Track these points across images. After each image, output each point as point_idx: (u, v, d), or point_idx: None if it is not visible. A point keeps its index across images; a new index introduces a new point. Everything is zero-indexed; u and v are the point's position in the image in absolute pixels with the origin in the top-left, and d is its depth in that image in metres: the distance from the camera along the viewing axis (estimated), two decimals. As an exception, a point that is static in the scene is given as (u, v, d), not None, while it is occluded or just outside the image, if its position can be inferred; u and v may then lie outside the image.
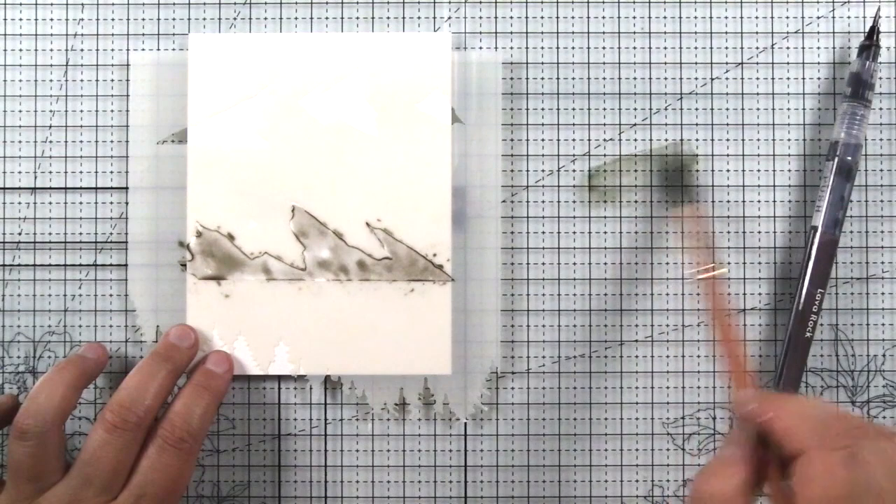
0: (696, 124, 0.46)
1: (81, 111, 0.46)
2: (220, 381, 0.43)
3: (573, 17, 0.46)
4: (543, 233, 0.46)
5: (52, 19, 0.46)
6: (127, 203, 0.46)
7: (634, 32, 0.46)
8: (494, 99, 0.46)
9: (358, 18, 0.46)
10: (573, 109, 0.46)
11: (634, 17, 0.46)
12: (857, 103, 0.44)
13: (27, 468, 0.39)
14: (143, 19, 0.46)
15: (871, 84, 0.44)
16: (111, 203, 0.46)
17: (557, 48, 0.46)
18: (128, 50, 0.46)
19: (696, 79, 0.46)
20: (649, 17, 0.46)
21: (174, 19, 0.46)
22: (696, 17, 0.46)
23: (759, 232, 0.46)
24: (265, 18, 0.46)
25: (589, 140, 0.46)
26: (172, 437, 0.40)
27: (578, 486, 0.46)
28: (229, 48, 0.45)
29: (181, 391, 0.42)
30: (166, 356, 0.42)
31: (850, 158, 0.43)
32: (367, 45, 0.45)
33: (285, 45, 0.45)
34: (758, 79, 0.46)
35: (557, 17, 0.46)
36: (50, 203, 0.46)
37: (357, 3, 0.46)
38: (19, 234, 0.46)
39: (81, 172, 0.46)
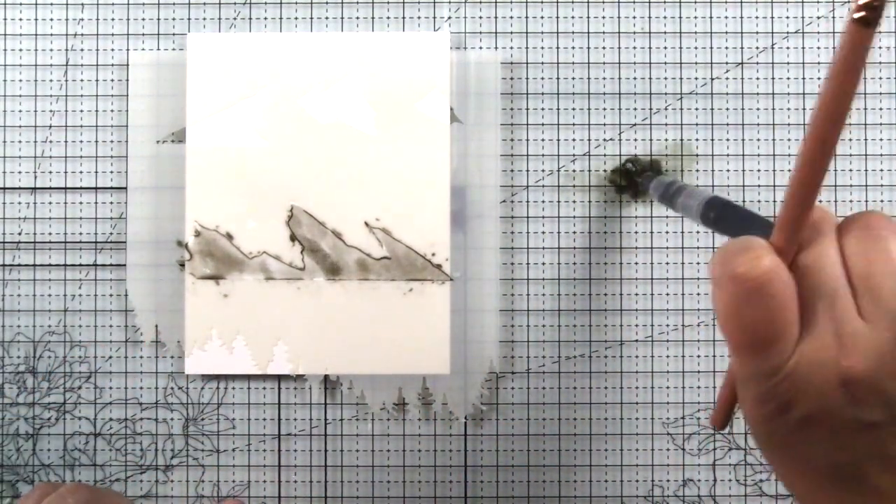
0: (696, 124, 0.46)
1: (81, 111, 0.46)
2: None
3: (573, 17, 0.46)
4: (543, 233, 0.46)
5: (52, 19, 0.46)
6: (126, 203, 0.46)
7: (634, 32, 0.46)
8: (493, 99, 0.46)
9: (358, 18, 0.46)
10: (573, 109, 0.46)
11: (634, 17, 0.46)
12: None
13: None
14: (143, 19, 0.46)
15: None
16: (111, 203, 0.46)
17: (557, 48, 0.46)
18: (127, 50, 0.46)
19: (696, 79, 0.46)
20: (649, 17, 0.46)
21: (173, 19, 0.46)
22: (696, 17, 0.46)
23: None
24: (265, 18, 0.46)
25: (589, 140, 0.46)
26: None
27: (578, 486, 0.46)
28: (228, 48, 0.45)
29: None
30: None
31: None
32: (365, 44, 0.45)
33: (284, 45, 0.45)
34: (758, 79, 0.46)
35: (557, 17, 0.46)
36: (50, 203, 0.46)
37: (357, 3, 0.46)
38: (19, 234, 0.46)
39: (81, 172, 0.46)
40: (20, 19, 0.46)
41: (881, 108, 0.46)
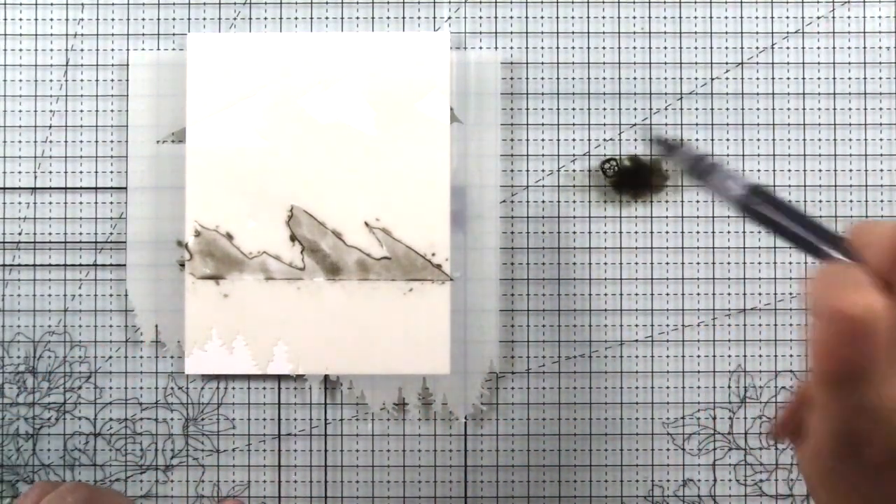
0: (696, 124, 0.46)
1: (81, 111, 0.46)
2: None
3: (573, 17, 0.46)
4: (543, 233, 0.46)
5: (52, 19, 0.46)
6: (126, 203, 0.46)
7: (634, 32, 0.46)
8: (493, 98, 0.46)
9: (358, 18, 0.46)
10: (573, 109, 0.46)
11: (634, 17, 0.46)
12: None
13: None
14: (143, 19, 0.46)
15: None
16: (111, 203, 0.46)
17: (557, 48, 0.46)
18: (127, 50, 0.46)
19: (696, 79, 0.46)
20: (649, 17, 0.46)
21: (173, 19, 0.46)
22: (696, 17, 0.46)
23: (759, 232, 0.46)
24: (265, 18, 0.46)
25: (589, 140, 0.46)
26: None
27: (578, 486, 0.46)
28: (228, 48, 0.45)
29: None
30: None
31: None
32: (365, 44, 0.45)
33: (284, 45, 0.45)
34: (758, 79, 0.46)
35: (557, 17, 0.46)
36: (50, 203, 0.46)
37: (357, 3, 0.46)
38: (19, 234, 0.46)
39: (81, 172, 0.46)
40: (20, 19, 0.46)
41: (881, 108, 0.46)
